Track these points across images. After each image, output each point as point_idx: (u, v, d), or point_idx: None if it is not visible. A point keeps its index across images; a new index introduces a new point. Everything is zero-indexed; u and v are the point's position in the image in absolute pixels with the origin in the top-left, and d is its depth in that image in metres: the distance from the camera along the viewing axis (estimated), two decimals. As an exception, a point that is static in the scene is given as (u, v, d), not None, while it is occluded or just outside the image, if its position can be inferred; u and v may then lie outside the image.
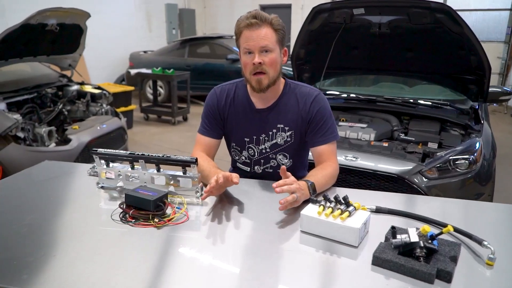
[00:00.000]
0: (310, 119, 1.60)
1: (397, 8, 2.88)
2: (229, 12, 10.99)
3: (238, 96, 1.67)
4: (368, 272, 1.03)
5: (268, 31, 1.48)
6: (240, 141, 1.70)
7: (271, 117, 1.63)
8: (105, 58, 8.20)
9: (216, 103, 1.69)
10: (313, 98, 1.60)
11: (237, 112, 1.67)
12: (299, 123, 1.61)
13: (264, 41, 1.47)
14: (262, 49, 1.48)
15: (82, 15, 4.11)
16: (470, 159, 2.56)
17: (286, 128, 1.63)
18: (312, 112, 1.59)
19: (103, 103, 4.68)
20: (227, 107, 1.68)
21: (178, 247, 1.15)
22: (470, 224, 1.26)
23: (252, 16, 1.47)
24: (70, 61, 4.67)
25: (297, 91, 1.63)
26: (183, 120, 6.65)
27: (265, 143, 1.66)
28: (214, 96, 1.71)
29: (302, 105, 1.61)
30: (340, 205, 1.19)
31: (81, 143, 3.75)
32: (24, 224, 1.24)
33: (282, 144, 1.65)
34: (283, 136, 1.63)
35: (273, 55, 1.50)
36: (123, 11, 8.77)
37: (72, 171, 1.80)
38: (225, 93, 1.69)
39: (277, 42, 1.51)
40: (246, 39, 1.49)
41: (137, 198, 1.24)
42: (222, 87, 1.72)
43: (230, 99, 1.68)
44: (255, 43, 1.47)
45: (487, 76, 2.92)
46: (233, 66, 7.42)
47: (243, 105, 1.66)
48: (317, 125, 1.59)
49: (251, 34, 1.47)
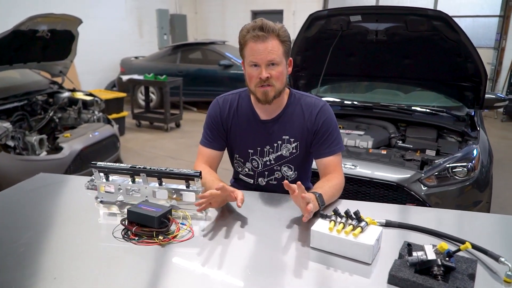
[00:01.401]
0: (316, 130, 1.57)
1: (394, 16, 2.88)
2: (221, 17, 10.97)
3: (241, 107, 1.63)
4: (383, 291, 1.00)
5: (274, 44, 1.43)
6: (244, 153, 1.65)
7: (276, 129, 1.59)
8: (96, 64, 8.09)
9: (219, 113, 1.64)
10: (319, 109, 1.57)
11: (240, 123, 1.63)
12: (304, 134, 1.58)
13: (271, 55, 1.42)
14: (269, 62, 1.44)
15: (73, 21, 4.04)
16: (468, 167, 2.56)
17: (291, 140, 1.59)
18: (318, 123, 1.56)
19: (95, 110, 4.60)
20: (230, 117, 1.64)
21: (185, 265, 1.11)
22: (482, 238, 1.23)
23: (258, 28, 1.41)
24: (61, 67, 4.59)
25: (302, 101, 1.60)
26: (176, 127, 6.58)
27: (270, 155, 1.62)
28: (216, 107, 1.66)
29: (308, 116, 1.57)
30: (351, 220, 1.16)
31: (73, 151, 3.67)
32: (21, 243, 1.18)
33: (288, 156, 1.61)
34: (288, 147, 1.60)
35: (279, 68, 1.46)
36: (113, 16, 8.68)
37: (68, 184, 1.74)
38: (228, 104, 1.65)
39: (284, 54, 1.47)
40: (252, 52, 1.44)
41: (140, 215, 1.19)
42: (225, 97, 1.68)
43: (233, 110, 1.63)
44: (262, 56, 1.42)
45: (484, 83, 2.93)
46: (225, 72, 7.39)
47: (247, 115, 1.62)
48: (323, 136, 1.56)
49: (257, 47, 1.42)
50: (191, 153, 5.22)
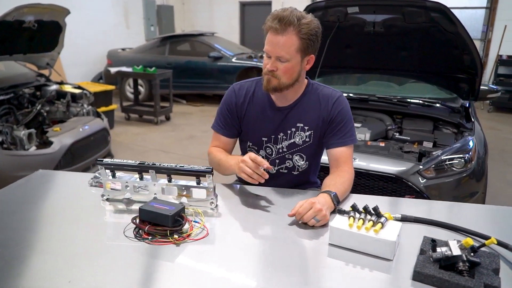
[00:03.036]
0: (331, 120, 1.56)
1: (392, 7, 2.87)
2: (208, 9, 10.82)
3: (258, 94, 1.62)
4: (407, 287, 0.99)
5: (289, 40, 1.39)
6: (258, 140, 1.64)
7: (291, 115, 1.58)
8: (81, 56, 7.90)
9: (235, 100, 1.64)
10: (336, 99, 1.57)
11: (256, 110, 1.62)
12: (319, 123, 1.57)
13: (280, 51, 1.41)
14: (277, 57, 1.43)
15: (61, 11, 3.92)
16: (466, 158, 2.58)
17: (306, 128, 1.58)
18: (334, 112, 1.56)
19: (84, 103, 4.48)
20: (245, 104, 1.63)
21: (202, 265, 1.07)
22: (498, 231, 1.23)
23: (278, 19, 1.38)
24: (48, 59, 4.45)
25: (319, 92, 1.60)
26: (166, 120, 6.49)
27: (283, 142, 1.61)
28: (232, 93, 1.65)
29: (324, 106, 1.57)
30: (370, 215, 1.14)
31: (64, 146, 3.58)
32: (25, 246, 1.13)
33: (300, 144, 1.60)
34: (301, 135, 1.59)
35: (288, 65, 1.44)
36: (99, 7, 8.47)
37: (70, 181, 1.67)
38: (244, 90, 1.64)
39: (298, 50, 1.42)
40: (267, 42, 1.44)
41: (153, 213, 1.15)
42: (241, 84, 1.67)
43: (249, 97, 1.63)
44: (273, 50, 1.42)
45: (480, 74, 2.95)
46: (215, 64, 7.30)
47: (262, 102, 1.61)
48: (337, 126, 1.56)
49: (271, 39, 1.41)
50: (182, 146, 5.16)
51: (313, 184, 1.74)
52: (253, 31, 10.58)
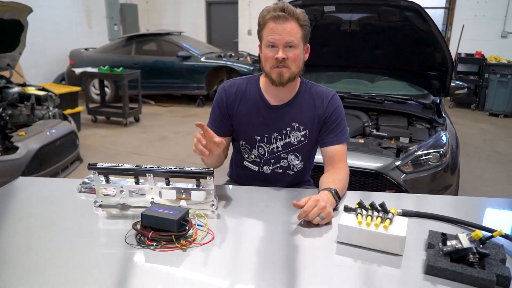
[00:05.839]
0: (326, 117, 1.57)
1: (367, 6, 2.92)
2: (174, 8, 10.62)
3: (249, 92, 1.60)
4: (420, 281, 1.00)
5: (294, 26, 1.42)
6: (250, 139, 1.61)
7: (286, 115, 1.57)
8: (41, 56, 7.54)
9: (225, 98, 1.60)
10: (331, 97, 1.58)
11: (247, 108, 1.59)
12: (315, 122, 1.57)
13: (289, 36, 1.40)
14: (286, 44, 1.42)
15: (22, 9, 3.72)
16: (441, 152, 2.67)
17: (301, 127, 1.57)
18: (330, 110, 1.57)
19: (49, 105, 4.29)
20: (236, 102, 1.59)
21: (212, 269, 1.04)
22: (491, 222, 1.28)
23: (279, 9, 1.40)
24: (8, 60, 4.21)
25: (313, 90, 1.60)
26: (135, 121, 6.31)
27: (277, 141, 1.59)
28: (222, 91, 1.62)
29: (319, 104, 1.57)
30: (377, 212, 1.15)
31: (30, 151, 3.40)
32: (24, 261, 1.05)
33: (296, 144, 1.59)
34: (297, 135, 1.58)
35: (297, 51, 1.44)
36: (59, 5, 8.11)
37: (55, 188, 1.56)
38: (235, 88, 1.61)
39: (302, 38, 1.45)
40: (271, 32, 1.42)
41: (157, 218, 1.10)
42: (232, 82, 1.64)
43: (240, 95, 1.60)
44: (281, 37, 1.40)
45: (450, 71, 3.06)
46: (183, 63, 7.18)
47: (255, 101, 1.58)
48: (332, 124, 1.57)
49: (276, 28, 1.40)
50: (154, 148, 5.03)
51: (306, 182, 1.74)
52: (220, 30, 10.50)
